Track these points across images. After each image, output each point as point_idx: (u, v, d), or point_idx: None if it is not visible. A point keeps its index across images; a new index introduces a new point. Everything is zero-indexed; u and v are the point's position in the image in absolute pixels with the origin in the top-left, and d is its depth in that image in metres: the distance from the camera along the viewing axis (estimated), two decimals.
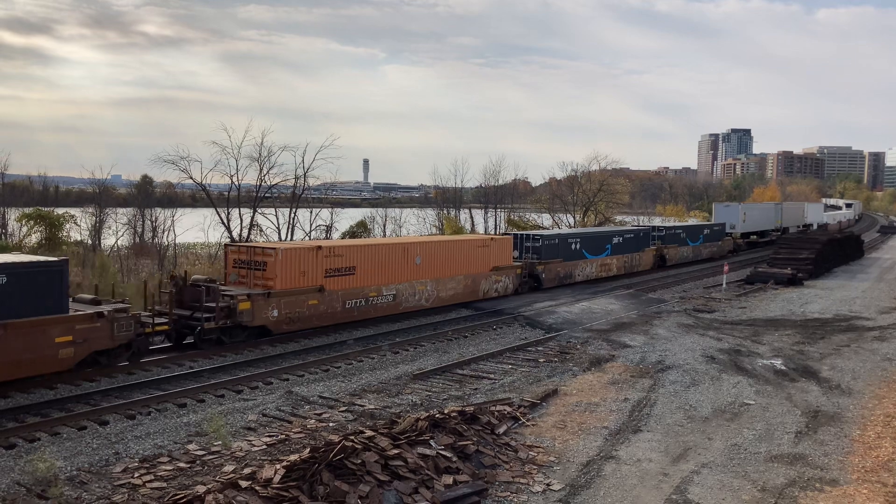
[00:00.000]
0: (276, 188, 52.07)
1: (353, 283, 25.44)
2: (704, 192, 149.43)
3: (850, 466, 13.42)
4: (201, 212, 54.83)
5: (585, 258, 38.75)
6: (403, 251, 27.67)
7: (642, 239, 44.91)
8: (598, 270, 39.91)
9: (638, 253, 43.80)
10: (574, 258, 37.86)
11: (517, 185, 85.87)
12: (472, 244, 31.30)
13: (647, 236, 46.17)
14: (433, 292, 28.71)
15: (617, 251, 41.52)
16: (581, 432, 15.01)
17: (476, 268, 30.93)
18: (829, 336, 25.54)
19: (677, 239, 49.60)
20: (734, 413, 16.51)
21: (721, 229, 56.92)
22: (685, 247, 50.21)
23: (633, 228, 48.76)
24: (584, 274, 38.67)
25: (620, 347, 23.13)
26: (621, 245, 42.08)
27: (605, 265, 40.68)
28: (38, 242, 44.79)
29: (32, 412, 16.08)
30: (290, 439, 14.44)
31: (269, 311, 22.66)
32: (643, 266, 44.67)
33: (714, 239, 55.02)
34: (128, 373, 19.45)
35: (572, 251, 37.76)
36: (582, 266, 38.56)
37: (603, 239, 40.80)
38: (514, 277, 33.27)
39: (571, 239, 38.16)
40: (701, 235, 52.91)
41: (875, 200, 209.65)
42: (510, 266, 33.15)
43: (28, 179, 74.15)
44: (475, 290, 30.88)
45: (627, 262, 42.67)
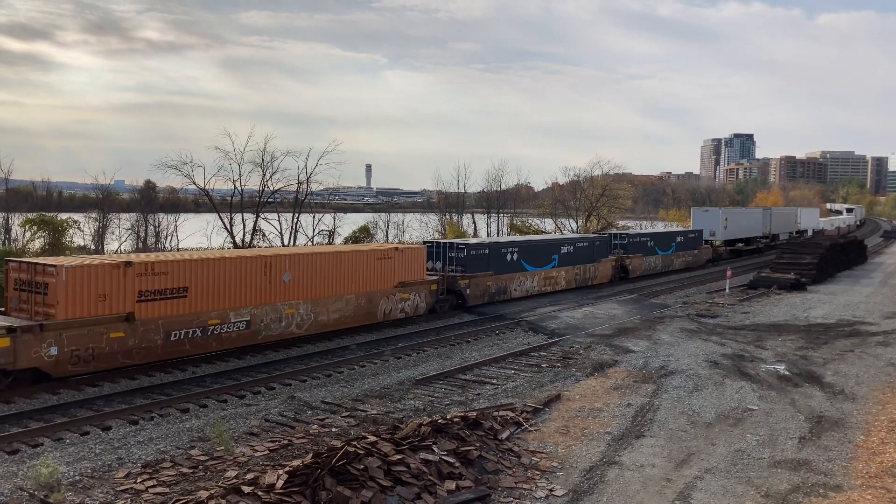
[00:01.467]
0: (279, 193, 52.11)
1: (184, 307, 20.28)
2: (707, 196, 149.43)
3: (853, 472, 13.38)
4: (204, 217, 54.92)
5: (525, 270, 34.38)
6: (264, 266, 22.48)
7: (599, 248, 40.51)
8: (541, 284, 35.55)
9: (593, 264, 39.61)
10: (509, 270, 33.39)
11: (520, 189, 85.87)
12: (367, 256, 26.15)
13: (606, 245, 41.93)
14: (308, 316, 23.66)
15: (566, 262, 37.31)
16: (584, 438, 14.98)
17: (374, 284, 26.10)
18: (833, 341, 25.49)
19: (643, 247, 45.18)
20: (737, 418, 16.47)
21: (698, 237, 53.06)
22: (653, 256, 45.90)
23: (587, 236, 42.78)
24: (522, 289, 34.30)
25: (623, 352, 23.10)
26: (572, 255, 37.89)
27: (551, 278, 36.39)
28: (41, 247, 44.88)
29: (35, 417, 16.09)
30: (293, 444, 14.42)
31: (43, 349, 17.60)
32: (600, 279, 40.34)
33: (689, 247, 51.05)
34: (131, 378, 19.46)
35: (507, 262, 33.33)
36: (520, 280, 34.06)
37: (548, 248, 36.60)
38: (428, 294, 28.59)
39: (507, 248, 33.70)
40: (673, 243, 48.77)
41: (878, 205, 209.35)
42: (422, 281, 28.36)
43: (31, 185, 74.36)
44: (372, 311, 26.04)
45: (579, 274, 38.44)
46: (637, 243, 44.72)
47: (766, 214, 68.87)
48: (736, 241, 61.35)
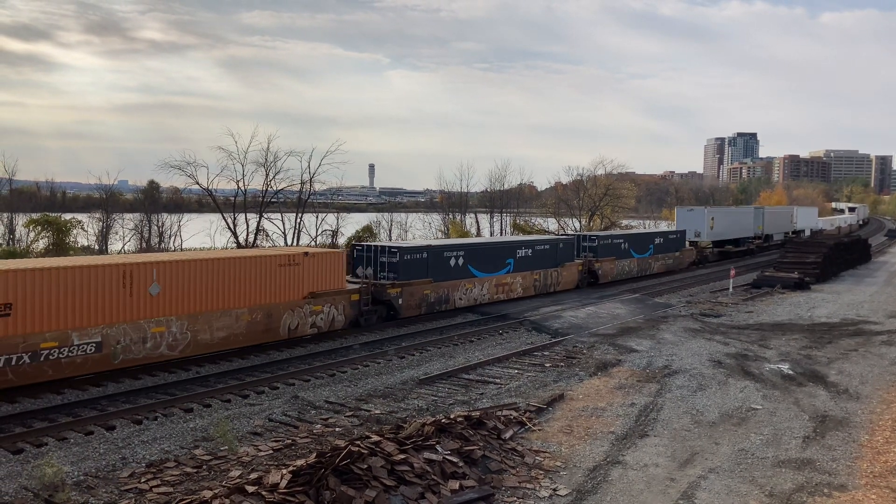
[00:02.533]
0: (282, 193, 52.17)
1: (5, 329, 16.83)
2: (710, 195, 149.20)
3: (858, 471, 13.35)
4: (208, 217, 54.98)
5: (473, 276, 31.02)
6: (123, 276, 18.96)
7: (563, 250, 37.16)
8: (492, 292, 32.12)
9: (556, 269, 36.30)
10: (453, 277, 29.91)
11: (523, 189, 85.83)
12: (265, 263, 22.54)
13: (572, 247, 38.46)
14: (183, 335, 20.23)
15: (523, 267, 34.05)
16: (588, 437, 14.97)
17: (275, 295, 22.70)
18: (837, 340, 25.44)
19: (616, 250, 41.69)
20: (741, 418, 16.45)
21: (680, 238, 49.48)
22: (627, 259, 42.42)
23: (548, 238, 38.92)
24: (469, 297, 30.81)
25: (627, 352, 23.07)
26: (530, 259, 34.58)
27: (504, 285, 32.95)
28: (45, 248, 44.99)
29: (40, 417, 16.12)
30: (297, 444, 14.44)
31: None
32: (564, 285, 37.17)
33: (670, 249, 47.50)
34: (134, 377, 19.50)
35: (451, 268, 29.93)
36: (466, 287, 30.59)
37: (502, 251, 33.15)
38: (348, 306, 25.23)
39: (451, 252, 30.21)
40: (651, 245, 45.33)
41: (882, 204, 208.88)
42: (339, 291, 24.92)
43: (35, 185, 74.50)
44: (272, 327, 22.62)
45: (539, 280, 35.12)
46: (608, 245, 41.21)
47: (757, 214, 65.61)
48: (725, 242, 58.49)
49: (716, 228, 55.57)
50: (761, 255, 61.72)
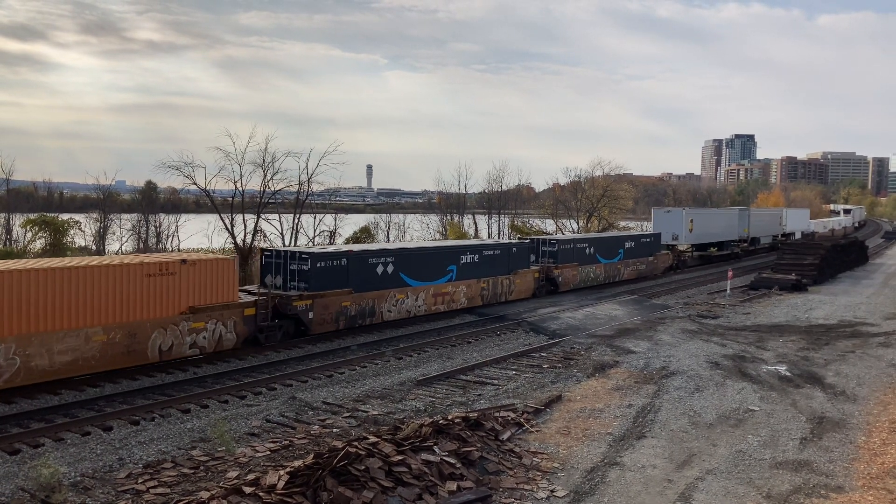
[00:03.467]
0: (280, 194, 52.15)
1: None
2: (708, 197, 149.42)
3: (855, 473, 13.36)
4: (205, 217, 54.94)
5: (406, 286, 27.81)
6: None
7: (517, 256, 34.02)
8: (429, 303, 28.84)
9: (507, 276, 33.10)
10: (381, 286, 26.61)
11: (521, 190, 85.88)
12: (127, 272, 19.18)
13: (528, 252, 35.45)
14: (11, 361, 16.89)
15: (469, 274, 30.89)
16: (585, 438, 14.97)
17: (142, 310, 19.49)
18: (834, 342, 25.47)
19: (579, 255, 38.52)
20: (739, 419, 16.46)
21: (654, 241, 46.37)
22: (593, 265, 39.39)
23: (500, 242, 35.95)
24: (401, 309, 27.49)
25: (624, 353, 23.09)
26: (477, 265, 31.39)
27: (444, 295, 29.62)
28: (42, 248, 44.94)
29: (36, 418, 16.10)
30: (294, 445, 14.43)
31: None
32: (518, 293, 33.88)
33: (643, 253, 44.39)
34: (131, 378, 19.47)
35: (378, 276, 26.59)
36: (396, 298, 27.22)
37: (442, 257, 29.83)
38: (240, 322, 21.96)
39: (377, 258, 26.76)
40: (620, 250, 42.21)
41: (879, 206, 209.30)
42: (229, 304, 21.61)
43: (33, 185, 74.44)
44: (136, 348, 19.39)
45: (487, 288, 31.87)
46: (570, 250, 37.99)
47: (743, 216, 62.07)
48: (708, 245, 55.60)
49: (696, 231, 52.13)
50: (747, 259, 59.45)
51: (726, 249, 57.76)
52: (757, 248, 64.41)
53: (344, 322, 25.22)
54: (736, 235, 59.29)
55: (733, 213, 62.05)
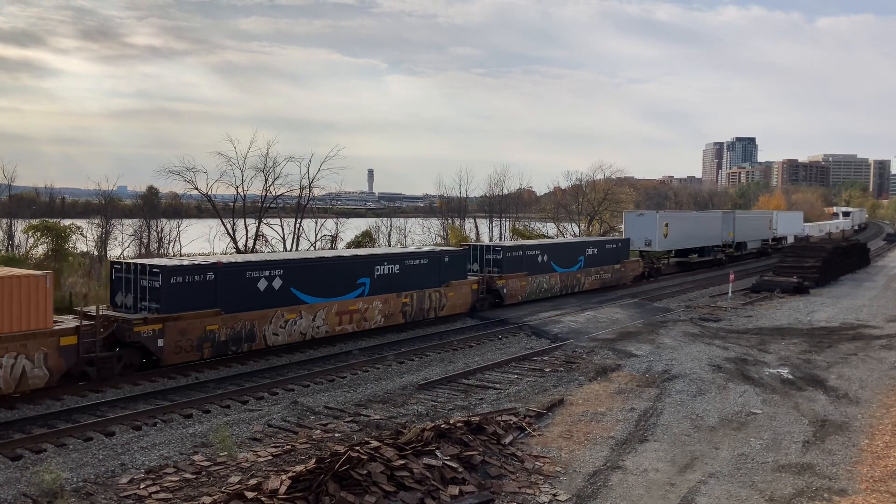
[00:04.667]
0: (282, 198, 52.21)
1: None
2: (709, 200, 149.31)
3: (858, 476, 13.34)
4: (207, 222, 55.00)
5: (298, 303, 23.42)
6: None
7: (450, 265, 29.62)
8: (333, 322, 24.41)
9: (437, 289, 28.69)
10: (265, 304, 22.41)
11: (522, 194, 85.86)
12: None
13: (464, 261, 31.18)
14: None
15: (386, 287, 26.47)
16: (587, 442, 14.96)
17: None
18: (836, 345, 25.44)
19: (529, 263, 34.32)
20: (741, 422, 16.43)
21: (622, 247, 42.62)
22: (546, 275, 35.34)
23: (428, 250, 31.04)
24: (292, 331, 23.10)
25: (626, 357, 23.07)
26: (398, 277, 27.09)
27: (354, 313, 25.16)
28: (44, 254, 44.95)
29: (39, 423, 16.10)
30: (296, 450, 14.42)
31: None
32: (451, 308, 29.45)
33: (607, 261, 40.42)
34: (133, 383, 19.47)
35: (261, 293, 22.31)
36: (285, 318, 22.85)
37: (350, 268, 25.45)
38: (55, 354, 17.71)
39: (259, 270, 22.42)
40: (581, 257, 38.17)
41: (881, 208, 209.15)
42: (37, 333, 17.40)
43: (34, 191, 74.51)
44: None
45: (411, 304, 27.44)
46: (518, 258, 33.73)
47: (727, 219, 58.25)
48: (689, 251, 52.31)
49: (672, 236, 48.37)
50: (732, 266, 54.56)
51: (708, 255, 54.34)
52: (744, 253, 60.93)
53: (210, 350, 20.97)
54: (719, 240, 55.86)
55: (716, 216, 58.25)
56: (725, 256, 56.57)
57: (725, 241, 56.70)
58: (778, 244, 68.98)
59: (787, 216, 76.69)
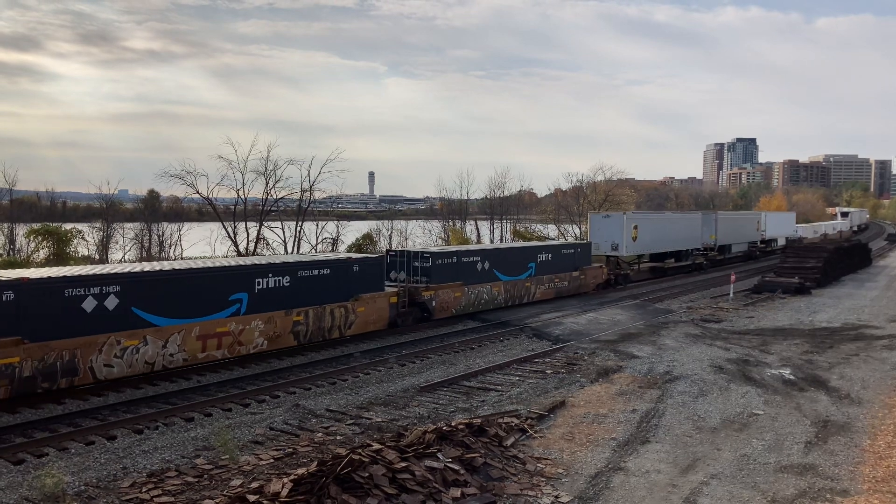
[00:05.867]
0: (282, 202, 52.31)
1: None
2: (710, 200, 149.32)
3: (860, 476, 13.32)
4: (208, 226, 55.08)
5: (145, 326, 19.36)
6: None
7: (361, 275, 25.54)
8: (192, 348, 20.30)
9: (343, 304, 24.60)
10: (94, 329, 18.32)
11: (523, 196, 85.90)
12: None
13: (378, 268, 26.75)
14: None
15: (272, 304, 22.36)
16: (589, 444, 14.95)
17: None
18: (838, 345, 25.41)
19: (466, 271, 30.26)
20: (743, 423, 16.42)
21: (581, 252, 38.59)
22: (487, 284, 31.33)
23: (333, 258, 26.24)
24: (132, 361, 19.05)
25: (628, 358, 23.06)
26: (287, 291, 22.86)
27: (223, 336, 20.97)
28: (46, 258, 45.01)
29: (40, 427, 16.10)
30: (298, 453, 14.42)
31: None
32: (361, 325, 25.39)
33: (564, 267, 36.50)
34: (135, 387, 19.48)
35: (89, 315, 18.25)
36: (122, 344, 18.81)
37: (224, 280, 21.24)
38: None
39: (83, 288, 18.27)
40: (531, 263, 34.26)
41: (882, 208, 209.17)
42: None
43: (35, 195, 74.58)
44: None
45: (306, 322, 23.33)
46: (451, 266, 29.72)
47: (708, 221, 54.23)
48: (665, 255, 49.15)
49: (643, 239, 44.56)
50: (714, 271, 51.93)
51: (686, 260, 50.47)
52: (728, 256, 57.13)
53: (8, 388, 16.77)
54: (699, 243, 51.92)
55: (695, 217, 53.89)
56: (707, 261, 53.17)
57: (707, 243, 53.29)
58: (767, 247, 65.81)
59: (777, 217, 72.92)
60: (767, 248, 65.81)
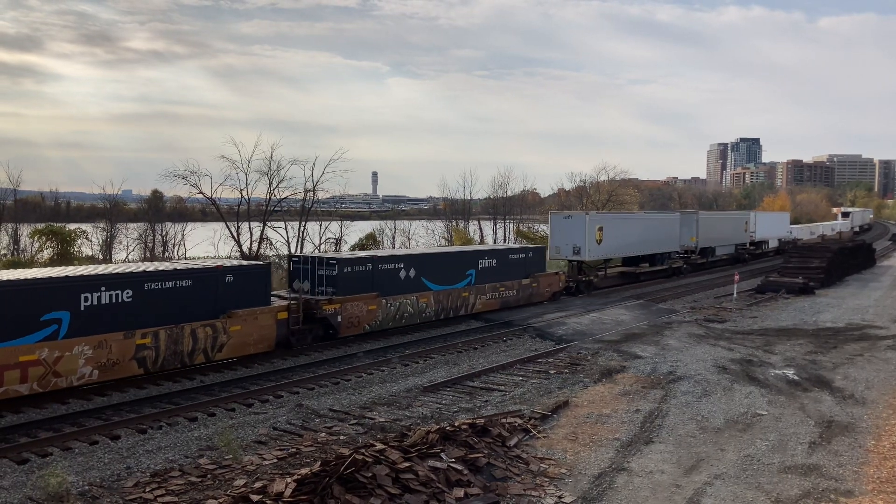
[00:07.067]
0: (286, 202, 52.38)
1: None
2: (714, 200, 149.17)
3: (864, 477, 13.29)
4: (211, 226, 55.16)
5: None
6: None
7: (237, 286, 21.41)
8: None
9: (211, 322, 20.62)
10: None
11: (526, 196, 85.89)
12: None
13: (262, 278, 22.47)
14: None
15: (104, 325, 18.39)
16: (593, 444, 14.93)
17: None
18: (842, 345, 25.36)
19: (385, 280, 26.29)
20: (747, 424, 16.39)
21: (534, 257, 34.28)
22: (413, 294, 27.32)
23: (198, 267, 21.12)
24: None
25: (631, 358, 23.03)
26: (129, 308, 18.93)
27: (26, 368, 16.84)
28: (50, 258, 45.12)
29: (44, 427, 16.14)
30: (301, 453, 14.43)
31: None
32: (236, 347, 21.40)
33: (514, 274, 32.57)
34: (139, 387, 19.51)
35: None
36: None
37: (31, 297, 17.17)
38: None
39: None
40: (471, 270, 30.20)
41: (886, 208, 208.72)
42: None
43: (40, 195, 74.78)
44: None
45: (154, 345, 19.33)
46: (363, 274, 25.65)
47: (687, 221, 50.24)
48: (640, 259, 45.28)
49: (609, 242, 40.30)
50: (696, 276, 48.85)
51: (662, 264, 46.54)
52: (711, 260, 53.38)
53: None
54: (677, 246, 48.16)
55: (672, 217, 49.52)
56: (687, 265, 49.45)
57: (687, 246, 49.67)
58: (757, 249, 61.93)
59: (769, 217, 68.42)
60: (758, 251, 62.35)
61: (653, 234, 45.51)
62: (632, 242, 43.29)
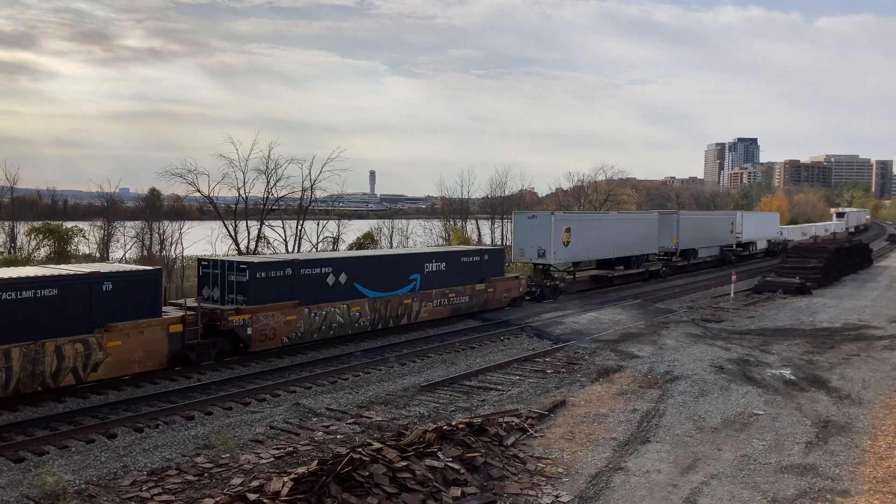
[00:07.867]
0: (284, 200, 52.34)
1: None
2: (711, 200, 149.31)
3: (861, 477, 13.32)
4: (209, 224, 55.08)
5: None
6: None
7: (118, 296, 18.80)
8: None
9: (84, 337, 17.96)
10: None
11: (524, 195, 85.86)
12: None
13: (152, 287, 19.83)
14: None
15: None
16: (589, 443, 14.95)
17: None
18: (839, 345, 25.40)
19: (307, 287, 23.68)
20: (743, 423, 16.42)
21: (490, 260, 31.56)
22: (343, 303, 24.64)
23: (63, 273, 18.46)
24: None
25: (628, 358, 23.05)
26: None
27: None
28: (47, 256, 45.04)
29: (41, 425, 16.12)
30: (298, 452, 14.42)
31: None
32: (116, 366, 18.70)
33: (467, 279, 30.01)
34: (136, 385, 19.49)
35: None
36: None
37: None
38: None
39: None
40: (415, 275, 27.68)
41: (883, 209, 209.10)
42: None
43: (37, 193, 74.64)
44: None
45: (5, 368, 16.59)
46: (282, 280, 23.07)
47: (667, 221, 47.51)
48: (616, 261, 42.73)
49: (577, 244, 37.67)
50: (676, 279, 46.77)
51: (638, 267, 44.04)
52: (692, 262, 51.07)
53: None
54: (654, 248, 45.66)
55: (649, 218, 46.47)
56: (667, 267, 47.21)
57: (666, 248, 47.52)
58: (744, 251, 60.07)
59: (757, 217, 66.04)
60: (745, 253, 60.35)
61: (628, 236, 42.93)
62: (603, 244, 40.54)
